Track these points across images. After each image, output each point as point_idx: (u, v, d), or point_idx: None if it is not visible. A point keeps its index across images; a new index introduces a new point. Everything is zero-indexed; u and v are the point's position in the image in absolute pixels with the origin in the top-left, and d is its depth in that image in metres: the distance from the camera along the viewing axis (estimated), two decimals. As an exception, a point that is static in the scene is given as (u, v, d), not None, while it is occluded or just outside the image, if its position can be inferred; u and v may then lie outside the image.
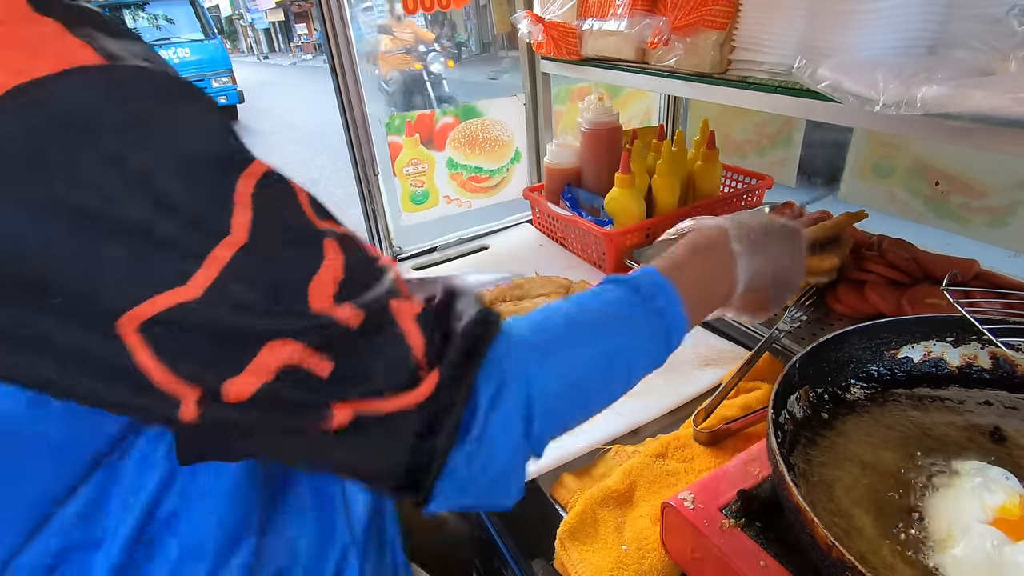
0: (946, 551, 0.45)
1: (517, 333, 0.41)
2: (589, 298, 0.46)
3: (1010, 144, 0.57)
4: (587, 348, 0.43)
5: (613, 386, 0.47)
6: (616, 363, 0.45)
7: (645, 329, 0.46)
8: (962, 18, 0.68)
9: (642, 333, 0.46)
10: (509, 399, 0.38)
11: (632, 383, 0.47)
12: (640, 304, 0.46)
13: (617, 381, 0.47)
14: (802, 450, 0.56)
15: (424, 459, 0.36)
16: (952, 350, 0.64)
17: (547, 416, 0.41)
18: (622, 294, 0.47)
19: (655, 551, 0.60)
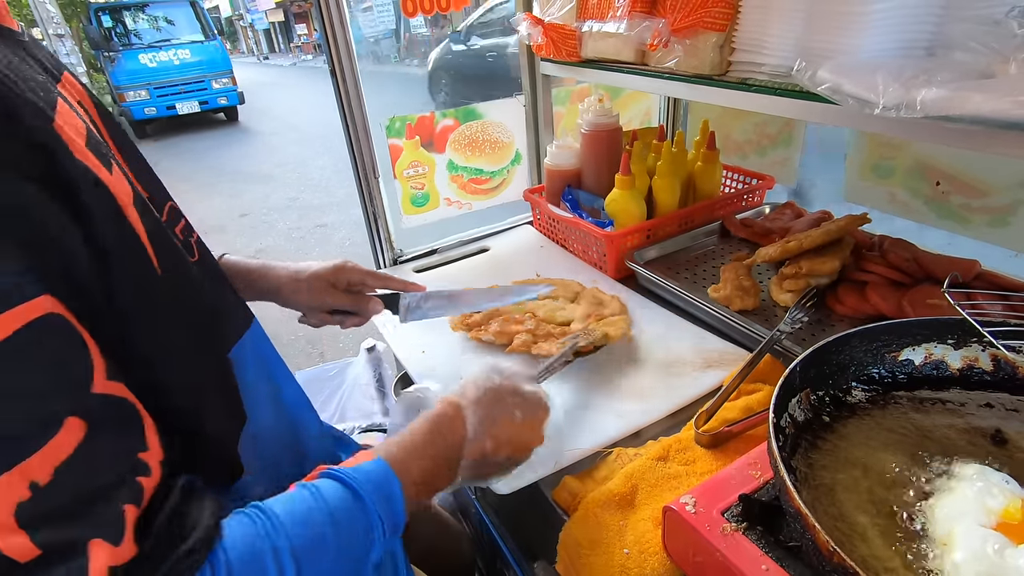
0: (947, 555, 0.45)
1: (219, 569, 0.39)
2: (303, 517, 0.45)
3: (1010, 147, 0.57)
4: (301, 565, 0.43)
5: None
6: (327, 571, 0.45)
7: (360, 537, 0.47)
8: (961, 20, 0.68)
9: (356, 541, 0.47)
10: None
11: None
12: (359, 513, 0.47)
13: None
14: (803, 453, 0.56)
15: None
16: (953, 352, 0.64)
17: None
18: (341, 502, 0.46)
19: (657, 555, 0.60)
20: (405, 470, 0.51)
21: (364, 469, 0.49)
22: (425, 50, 15.03)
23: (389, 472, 0.50)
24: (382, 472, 0.50)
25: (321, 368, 1.63)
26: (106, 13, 8.95)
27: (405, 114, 1.29)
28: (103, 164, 0.43)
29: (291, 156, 7.10)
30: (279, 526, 0.43)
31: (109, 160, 0.44)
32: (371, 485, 0.48)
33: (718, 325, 0.99)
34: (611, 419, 0.81)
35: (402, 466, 0.51)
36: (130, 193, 0.45)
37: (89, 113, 0.50)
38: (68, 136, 0.40)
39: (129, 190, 0.45)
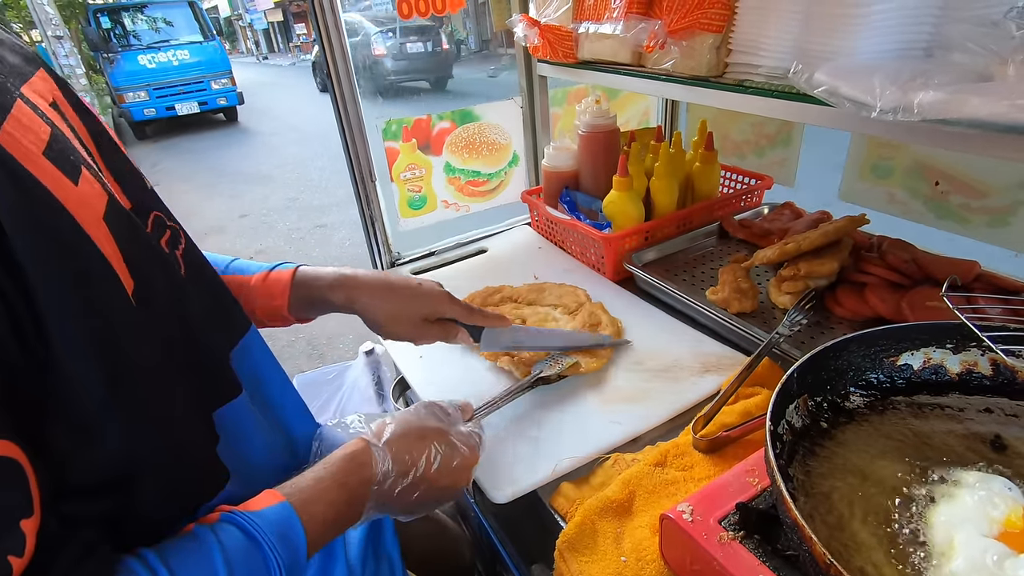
0: (947, 565, 0.45)
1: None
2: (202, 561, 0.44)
3: (1008, 150, 0.57)
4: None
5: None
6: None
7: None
8: (959, 21, 0.68)
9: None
10: None
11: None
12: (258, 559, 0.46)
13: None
14: (801, 461, 0.56)
15: None
16: (952, 357, 0.63)
17: None
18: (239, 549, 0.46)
19: (654, 562, 0.60)
20: (309, 513, 0.51)
21: (266, 514, 0.49)
22: (424, 49, 15.00)
23: (292, 516, 0.50)
24: (284, 516, 0.49)
25: (320, 371, 1.63)
26: (105, 14, 8.95)
27: (401, 117, 1.29)
28: (66, 174, 0.40)
29: (290, 156, 7.10)
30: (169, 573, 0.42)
31: (78, 169, 0.42)
32: (271, 529, 0.48)
33: (716, 328, 0.99)
34: (609, 425, 0.81)
35: (306, 508, 0.51)
36: (102, 204, 0.43)
37: (65, 115, 0.47)
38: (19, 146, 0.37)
39: (102, 199, 0.43)
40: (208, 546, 0.45)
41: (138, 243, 0.46)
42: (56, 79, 0.51)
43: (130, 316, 0.43)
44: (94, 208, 0.41)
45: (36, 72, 0.48)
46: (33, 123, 0.40)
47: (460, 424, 0.66)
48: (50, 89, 0.48)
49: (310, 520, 0.51)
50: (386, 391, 1.57)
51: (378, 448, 0.58)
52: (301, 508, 0.51)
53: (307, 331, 3.08)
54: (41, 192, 0.38)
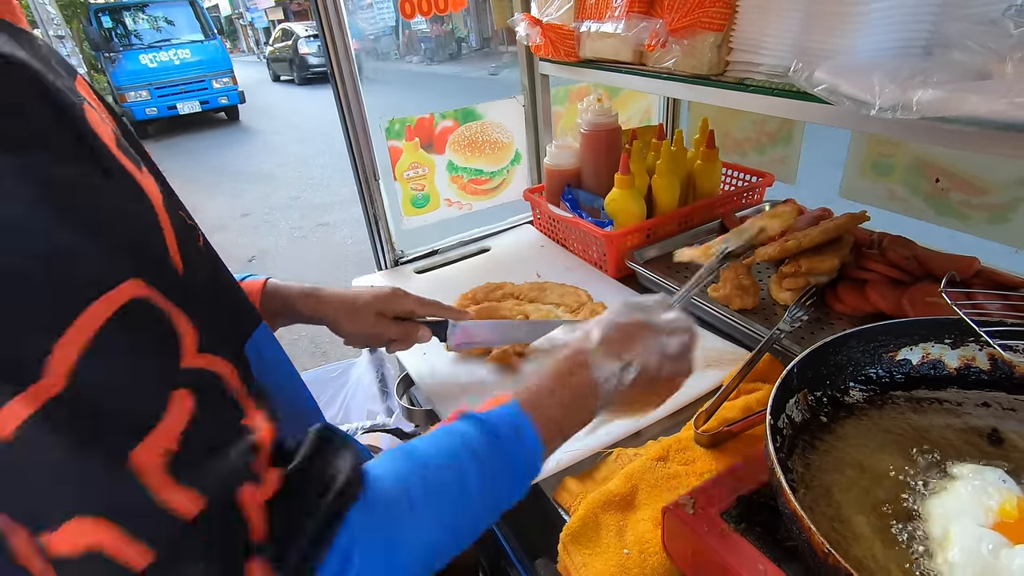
0: (943, 555, 0.46)
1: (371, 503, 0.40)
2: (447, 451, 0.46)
3: (1007, 148, 0.57)
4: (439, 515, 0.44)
5: (464, 538, 0.48)
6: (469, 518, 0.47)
7: (503, 476, 0.48)
8: (958, 19, 0.68)
9: (499, 480, 0.48)
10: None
11: (487, 524, 0.50)
12: (499, 452, 0.48)
13: (468, 533, 0.48)
14: (801, 454, 0.57)
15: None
16: (950, 352, 0.64)
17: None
18: (481, 441, 0.47)
19: (657, 555, 0.61)
20: (538, 414, 0.51)
21: (501, 411, 0.50)
22: (426, 47, 15.05)
23: (523, 416, 0.50)
24: (517, 415, 0.50)
25: (324, 369, 1.64)
26: (106, 14, 8.96)
27: (405, 116, 1.30)
28: (134, 164, 0.43)
29: (292, 155, 7.12)
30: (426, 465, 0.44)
31: (139, 161, 0.44)
32: (509, 428, 0.49)
33: (718, 324, 1.00)
34: (611, 419, 0.82)
35: (536, 410, 0.51)
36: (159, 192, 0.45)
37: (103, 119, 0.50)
38: (103, 136, 0.40)
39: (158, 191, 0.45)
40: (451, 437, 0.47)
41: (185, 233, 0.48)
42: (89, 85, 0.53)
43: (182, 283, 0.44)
44: (158, 195, 0.44)
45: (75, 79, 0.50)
46: (97, 119, 0.42)
47: (663, 314, 0.64)
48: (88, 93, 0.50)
49: (539, 414, 0.51)
50: (390, 388, 1.58)
51: (592, 351, 0.57)
52: (529, 406, 0.51)
53: (310, 330, 3.09)
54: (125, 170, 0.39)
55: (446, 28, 14.25)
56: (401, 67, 14.89)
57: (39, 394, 0.27)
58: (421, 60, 15.03)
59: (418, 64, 14.89)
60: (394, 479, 0.43)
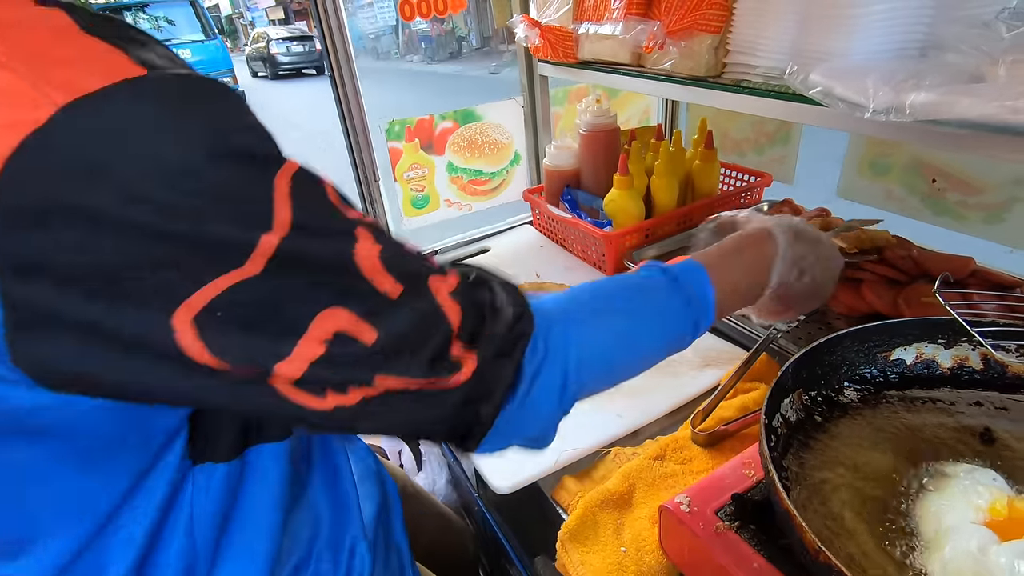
0: (934, 553, 0.46)
1: (554, 308, 0.45)
2: (629, 276, 0.51)
3: (998, 150, 0.58)
4: (618, 327, 0.48)
5: (637, 362, 0.51)
6: (643, 342, 0.50)
7: (675, 307, 0.50)
8: (952, 21, 0.69)
9: (672, 310, 0.50)
10: (549, 371, 0.42)
11: (655, 361, 0.52)
12: (675, 290, 0.50)
13: (641, 358, 0.51)
14: (795, 453, 0.58)
15: (467, 424, 0.40)
16: (944, 352, 0.65)
17: (579, 385, 0.45)
18: (660, 280, 0.50)
19: (653, 552, 0.62)
20: (717, 274, 0.53)
21: (682, 264, 0.52)
22: (426, 46, 15.04)
23: (703, 271, 0.52)
24: (698, 270, 0.52)
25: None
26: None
27: (404, 117, 1.30)
28: None
29: (292, 154, 7.11)
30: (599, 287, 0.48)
31: None
32: (688, 276, 0.51)
33: (716, 324, 1.00)
34: (609, 419, 0.83)
35: (715, 270, 0.53)
36: None
37: None
38: None
39: None
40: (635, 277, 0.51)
41: None
42: None
43: None
44: None
45: None
46: None
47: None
48: None
49: (718, 279, 0.53)
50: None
51: (779, 233, 0.59)
52: (711, 269, 0.53)
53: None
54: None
55: (446, 27, 14.25)
56: (402, 66, 14.89)
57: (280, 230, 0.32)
58: (422, 59, 15.04)
59: (419, 63, 14.89)
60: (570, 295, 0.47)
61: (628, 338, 0.49)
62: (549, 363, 0.42)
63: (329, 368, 0.34)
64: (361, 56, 1.65)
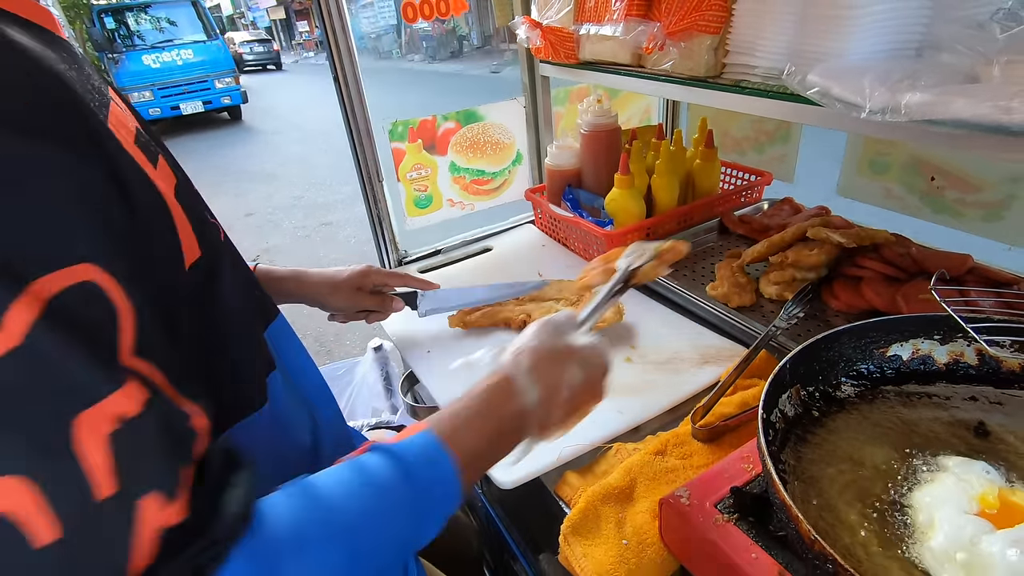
0: (926, 542, 0.48)
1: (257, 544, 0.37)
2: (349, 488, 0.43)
3: (992, 149, 0.59)
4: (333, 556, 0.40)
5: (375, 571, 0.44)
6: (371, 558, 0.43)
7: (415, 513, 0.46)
8: (948, 21, 0.70)
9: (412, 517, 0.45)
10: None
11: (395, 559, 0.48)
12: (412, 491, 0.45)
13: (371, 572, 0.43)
14: (793, 447, 0.59)
15: None
16: (940, 347, 0.66)
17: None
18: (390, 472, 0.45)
19: (654, 545, 0.63)
20: (457, 444, 0.49)
21: (414, 443, 0.47)
22: (427, 45, 15.03)
23: (440, 447, 0.48)
24: (433, 447, 0.48)
25: (330, 367, 1.67)
26: (109, 15, 9.00)
27: (407, 118, 1.32)
28: (149, 160, 0.45)
29: (294, 154, 7.15)
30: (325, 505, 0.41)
31: (156, 155, 0.47)
32: (422, 460, 0.46)
33: (716, 322, 1.01)
34: (611, 415, 0.84)
35: (455, 441, 0.49)
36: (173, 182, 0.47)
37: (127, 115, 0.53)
38: (120, 134, 0.42)
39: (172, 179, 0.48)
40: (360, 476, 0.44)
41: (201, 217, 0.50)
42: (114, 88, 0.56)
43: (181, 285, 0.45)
44: (170, 186, 0.46)
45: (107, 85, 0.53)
46: (124, 116, 0.45)
47: (580, 337, 0.63)
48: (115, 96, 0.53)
49: (460, 451, 0.48)
50: (394, 386, 1.61)
51: (521, 378, 0.55)
52: (451, 441, 0.49)
53: (314, 328, 3.12)
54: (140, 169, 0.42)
55: (448, 27, 14.25)
56: (403, 65, 14.90)
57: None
58: (423, 59, 15.04)
59: (420, 63, 14.90)
60: (289, 518, 0.40)
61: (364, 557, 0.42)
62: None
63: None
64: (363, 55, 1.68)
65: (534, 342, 0.59)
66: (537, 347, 0.59)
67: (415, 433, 0.49)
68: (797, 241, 1.02)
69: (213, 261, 0.51)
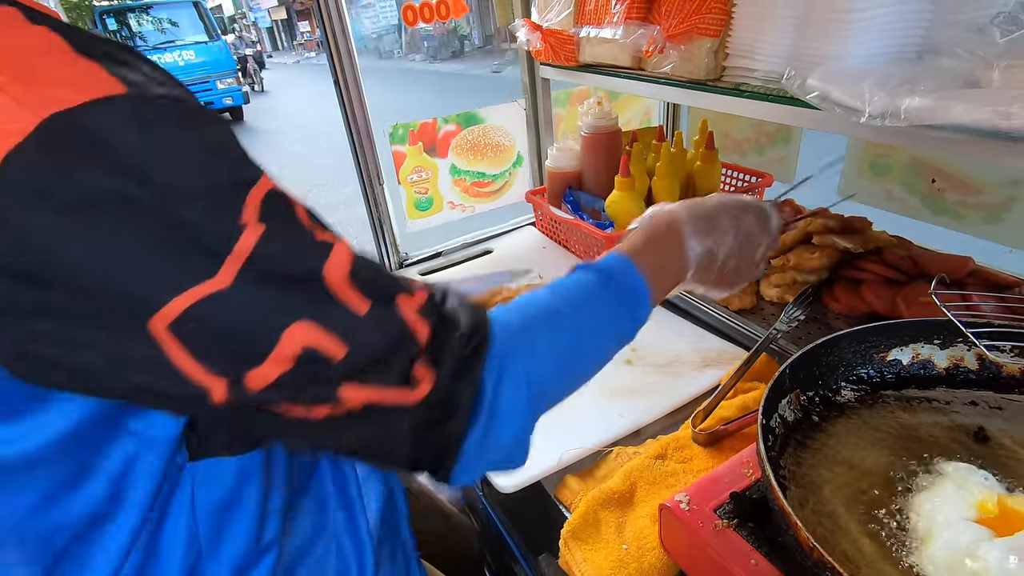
0: (927, 549, 0.48)
1: (507, 322, 0.46)
2: (566, 284, 0.52)
3: (991, 153, 0.59)
4: (569, 331, 0.49)
5: (592, 361, 0.52)
6: (591, 348, 0.52)
7: (615, 306, 0.52)
8: (948, 25, 0.70)
9: (612, 310, 0.52)
10: (510, 384, 0.43)
11: (609, 356, 0.53)
12: (609, 286, 0.52)
13: (595, 355, 0.52)
14: (792, 452, 0.59)
15: (436, 444, 0.40)
16: (940, 352, 0.66)
17: (542, 393, 0.46)
18: (592, 278, 0.52)
19: (654, 550, 0.63)
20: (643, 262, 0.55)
21: (608, 259, 0.54)
22: (428, 45, 15.03)
23: (630, 263, 0.54)
24: (625, 263, 0.54)
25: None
26: (111, 16, 9.02)
27: (408, 120, 1.32)
28: None
29: (296, 155, 7.15)
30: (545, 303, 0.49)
31: None
32: (618, 270, 0.53)
33: (717, 325, 1.02)
34: (612, 418, 0.84)
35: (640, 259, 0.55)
36: None
37: None
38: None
39: None
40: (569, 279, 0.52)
41: None
42: None
43: None
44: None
45: None
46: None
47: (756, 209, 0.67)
48: None
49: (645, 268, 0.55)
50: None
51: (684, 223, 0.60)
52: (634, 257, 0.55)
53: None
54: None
55: (448, 26, 14.25)
56: (404, 65, 14.91)
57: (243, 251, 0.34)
58: (424, 58, 15.05)
59: (421, 62, 14.90)
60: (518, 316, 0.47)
61: (578, 348, 0.50)
62: (508, 377, 0.43)
63: (297, 382, 0.35)
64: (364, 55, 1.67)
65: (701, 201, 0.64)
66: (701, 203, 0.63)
67: (605, 256, 0.55)
68: (798, 244, 1.02)
69: None
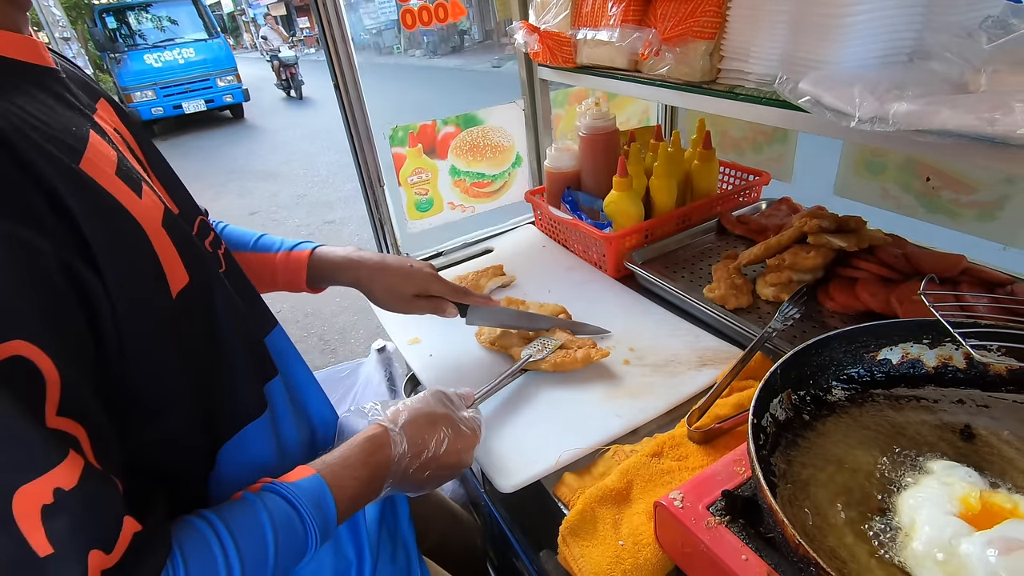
0: (909, 544, 0.49)
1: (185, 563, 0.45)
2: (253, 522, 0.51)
3: (978, 157, 0.60)
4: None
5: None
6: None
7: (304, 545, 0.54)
8: (938, 29, 0.71)
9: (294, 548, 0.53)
10: None
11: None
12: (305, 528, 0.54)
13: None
14: (783, 451, 0.61)
15: None
16: (929, 352, 0.67)
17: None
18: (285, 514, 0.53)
19: (650, 546, 0.65)
20: (338, 486, 0.58)
21: (301, 484, 0.56)
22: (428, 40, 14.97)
23: (324, 487, 0.57)
24: (317, 487, 0.56)
25: (334, 368, 1.69)
26: (110, 14, 9.02)
27: (408, 123, 1.33)
28: (132, 190, 0.47)
29: (297, 152, 7.17)
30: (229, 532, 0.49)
31: (140, 184, 0.48)
32: (307, 497, 0.55)
33: (713, 323, 1.03)
34: (609, 417, 0.86)
35: (335, 482, 0.58)
36: (160, 212, 0.49)
37: (124, 138, 0.54)
38: (98, 170, 0.44)
39: (159, 209, 0.50)
40: (256, 509, 0.52)
41: (190, 245, 0.52)
42: (112, 104, 0.57)
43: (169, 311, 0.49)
44: (154, 217, 0.48)
45: (98, 101, 0.54)
46: (104, 149, 0.46)
47: (463, 410, 0.74)
48: (110, 115, 0.55)
49: (339, 492, 0.57)
50: (398, 388, 1.63)
51: (395, 432, 0.65)
52: (331, 481, 0.57)
53: (319, 328, 3.15)
54: (115, 205, 0.44)
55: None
56: (404, 61, 14.87)
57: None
58: (424, 54, 15.00)
59: (421, 58, 14.86)
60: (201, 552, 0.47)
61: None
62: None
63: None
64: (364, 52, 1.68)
65: (418, 404, 0.70)
66: (418, 408, 0.69)
67: (305, 476, 0.57)
68: (794, 243, 1.03)
69: (205, 283, 0.53)
